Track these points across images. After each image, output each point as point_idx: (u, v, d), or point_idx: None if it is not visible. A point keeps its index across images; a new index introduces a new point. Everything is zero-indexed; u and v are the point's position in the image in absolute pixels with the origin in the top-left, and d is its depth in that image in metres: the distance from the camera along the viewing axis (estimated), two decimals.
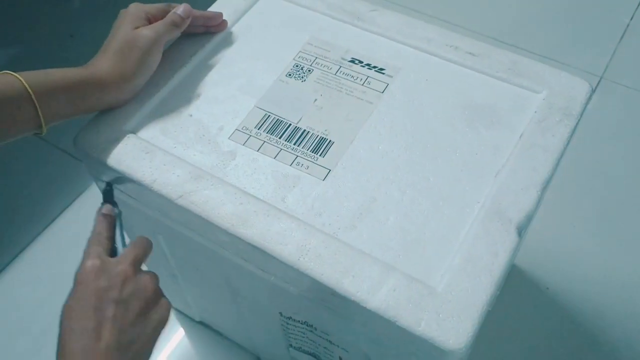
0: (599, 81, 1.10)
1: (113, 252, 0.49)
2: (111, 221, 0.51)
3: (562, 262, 0.89)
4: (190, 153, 0.54)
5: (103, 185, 0.56)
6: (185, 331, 0.86)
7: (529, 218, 0.48)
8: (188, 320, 0.86)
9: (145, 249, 0.49)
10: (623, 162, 1.00)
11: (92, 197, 0.97)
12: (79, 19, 1.26)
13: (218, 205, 0.50)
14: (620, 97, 1.08)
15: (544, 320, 0.84)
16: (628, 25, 1.19)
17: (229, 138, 0.55)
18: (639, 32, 1.18)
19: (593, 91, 0.56)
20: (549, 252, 0.89)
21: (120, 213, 0.52)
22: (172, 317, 0.87)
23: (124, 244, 0.50)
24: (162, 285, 0.83)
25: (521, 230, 0.48)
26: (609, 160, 1.00)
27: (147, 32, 0.55)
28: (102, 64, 0.53)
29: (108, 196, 0.54)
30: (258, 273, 0.51)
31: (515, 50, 0.59)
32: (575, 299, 0.85)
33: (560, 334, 0.83)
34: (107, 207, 0.52)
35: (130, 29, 0.55)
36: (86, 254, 0.47)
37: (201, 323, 0.86)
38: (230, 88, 0.59)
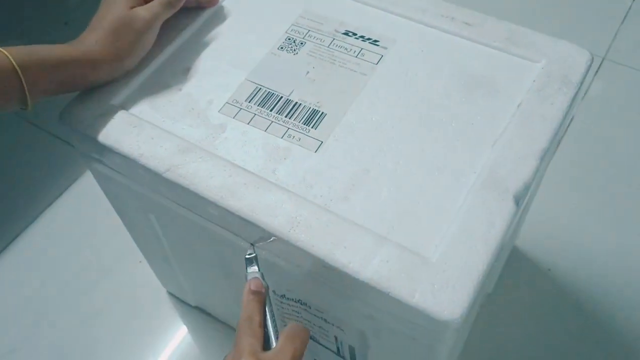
0: (602, 62, 1.08)
1: (265, 338, 0.43)
2: (262, 300, 0.45)
3: (564, 244, 0.87)
4: (179, 127, 0.52)
5: (247, 252, 0.48)
6: (181, 317, 0.85)
7: (527, 187, 0.47)
8: (184, 305, 0.85)
9: (303, 342, 0.43)
10: (626, 143, 0.98)
11: (87, 183, 0.96)
12: (74, 6, 1.25)
13: (206, 177, 0.48)
14: (623, 78, 1.06)
15: (546, 303, 0.82)
16: (630, 7, 1.17)
17: (219, 111, 0.53)
18: None
19: (593, 61, 0.55)
20: (550, 234, 0.88)
21: (268, 287, 0.46)
22: (169, 304, 0.86)
23: (274, 323, 0.45)
24: (157, 270, 0.82)
25: (519, 200, 0.46)
26: (612, 141, 0.98)
27: (143, 13, 0.54)
28: (95, 42, 0.52)
29: (253, 265, 0.47)
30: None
31: None
32: (577, 281, 0.84)
33: (563, 316, 0.81)
34: (257, 283, 0.45)
35: (126, 8, 0.53)
36: (239, 349, 0.41)
37: (197, 308, 0.85)
38: (221, 62, 0.57)
